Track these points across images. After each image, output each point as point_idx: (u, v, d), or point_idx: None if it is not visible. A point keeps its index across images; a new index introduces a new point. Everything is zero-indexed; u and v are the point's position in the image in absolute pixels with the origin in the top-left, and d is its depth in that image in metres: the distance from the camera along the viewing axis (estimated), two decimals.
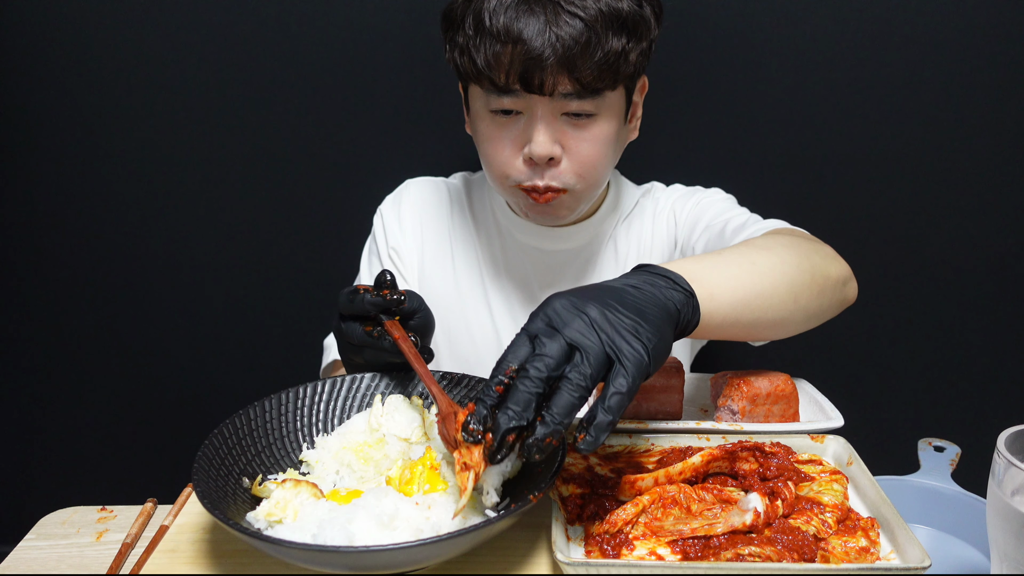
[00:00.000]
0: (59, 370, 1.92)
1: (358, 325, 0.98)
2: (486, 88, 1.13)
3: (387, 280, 0.98)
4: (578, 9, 1.07)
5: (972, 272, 1.80)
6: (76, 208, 1.79)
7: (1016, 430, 0.76)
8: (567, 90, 1.10)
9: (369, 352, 0.99)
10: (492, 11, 1.08)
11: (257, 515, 0.83)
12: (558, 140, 1.14)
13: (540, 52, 1.06)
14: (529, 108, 1.12)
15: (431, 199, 1.40)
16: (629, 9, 1.11)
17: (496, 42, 1.07)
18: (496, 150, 1.17)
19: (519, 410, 0.71)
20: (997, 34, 1.62)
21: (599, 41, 1.07)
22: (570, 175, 1.17)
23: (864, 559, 0.80)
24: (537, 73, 1.07)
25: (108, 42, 1.66)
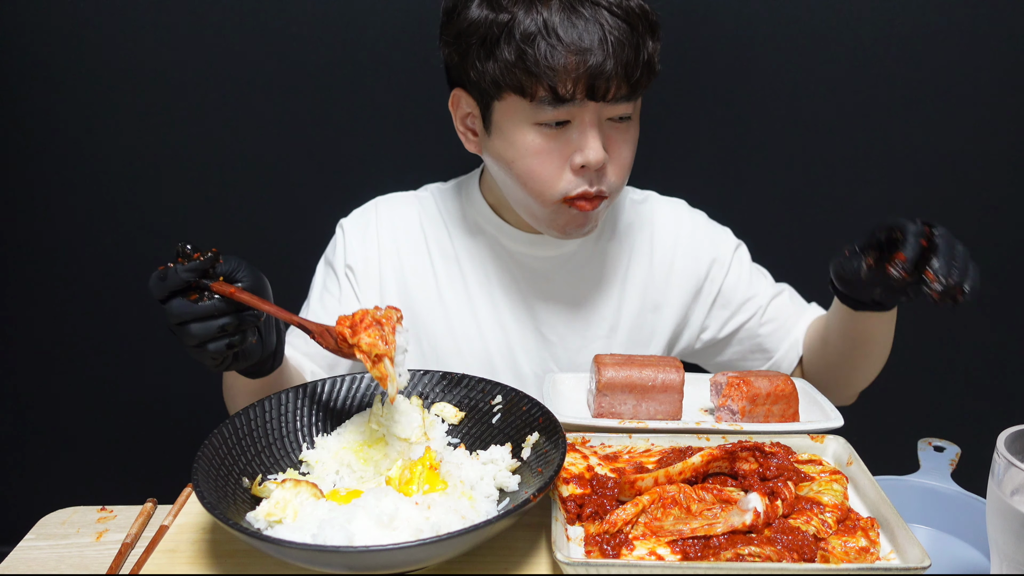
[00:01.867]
0: (59, 370, 1.92)
1: (182, 299, 0.88)
2: (539, 100, 1.09)
3: (187, 249, 0.89)
4: (618, 8, 1.07)
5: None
6: (76, 208, 1.79)
7: (1016, 430, 0.76)
8: (623, 94, 1.10)
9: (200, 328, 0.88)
10: (545, 22, 1.06)
11: (257, 515, 0.83)
12: (606, 146, 1.14)
13: (603, 61, 1.06)
14: (579, 116, 1.11)
15: (404, 215, 1.36)
16: (648, 8, 1.12)
17: (559, 53, 1.06)
18: (544, 164, 1.14)
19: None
20: (997, 34, 1.62)
21: (643, 43, 1.09)
22: (614, 178, 1.17)
23: (864, 559, 0.80)
24: (602, 81, 1.07)
25: (108, 42, 1.66)
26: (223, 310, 0.89)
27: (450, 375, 1.06)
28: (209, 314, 0.88)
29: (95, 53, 1.67)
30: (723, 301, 1.38)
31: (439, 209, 1.37)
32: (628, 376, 1.06)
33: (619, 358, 1.10)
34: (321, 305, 1.32)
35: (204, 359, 0.91)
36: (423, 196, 1.39)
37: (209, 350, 0.89)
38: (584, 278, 1.34)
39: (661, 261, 1.37)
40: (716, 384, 1.12)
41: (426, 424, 0.99)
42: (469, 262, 1.33)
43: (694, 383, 1.17)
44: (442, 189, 1.40)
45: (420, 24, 1.63)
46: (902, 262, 1.00)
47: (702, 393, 1.18)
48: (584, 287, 1.34)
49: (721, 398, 1.08)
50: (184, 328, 0.88)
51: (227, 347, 0.91)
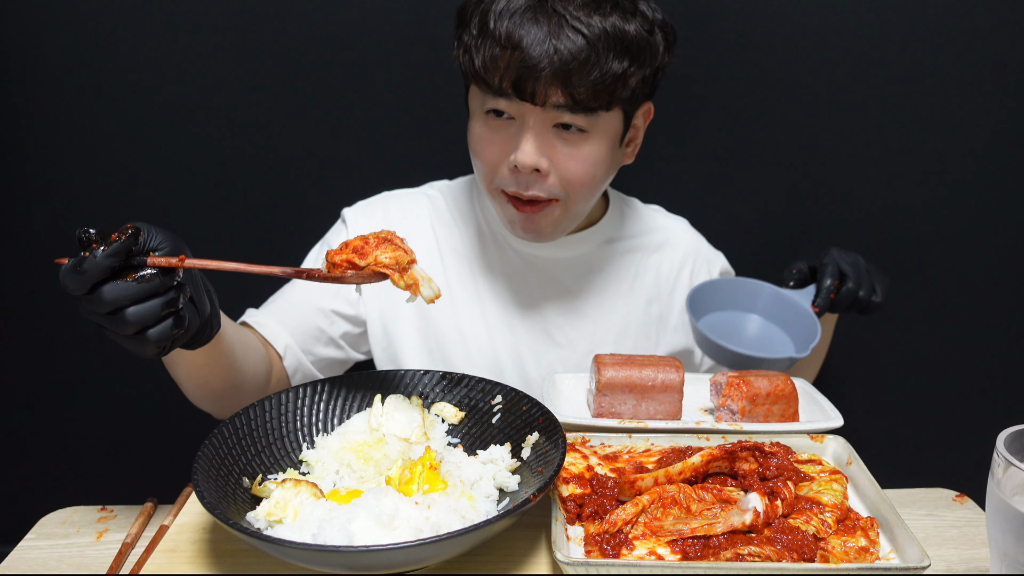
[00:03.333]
0: (59, 370, 1.92)
1: (116, 282, 0.78)
2: (482, 89, 1.13)
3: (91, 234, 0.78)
4: (582, 26, 1.07)
5: (972, 272, 1.80)
6: (76, 207, 1.79)
7: (1016, 430, 0.76)
8: (559, 102, 1.09)
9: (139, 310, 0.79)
10: (498, 14, 1.08)
11: (257, 515, 0.83)
12: (546, 153, 1.13)
13: (536, 62, 1.06)
14: (521, 116, 1.13)
15: (415, 212, 1.37)
16: (636, 33, 1.10)
17: (496, 45, 1.08)
18: (485, 151, 1.17)
19: None
20: (997, 34, 1.62)
21: (598, 60, 1.07)
22: (558, 188, 1.16)
23: (864, 559, 0.81)
24: (530, 81, 1.07)
25: (107, 42, 1.66)
26: (165, 285, 0.80)
27: (450, 375, 1.06)
28: (154, 292, 0.79)
29: (97, 50, 1.67)
30: None
31: (448, 208, 1.37)
32: (628, 376, 1.06)
33: (619, 358, 1.10)
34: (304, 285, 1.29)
35: (144, 348, 0.81)
36: (432, 195, 1.40)
37: (150, 336, 0.80)
38: (593, 282, 1.34)
39: (667, 278, 1.39)
40: (716, 384, 1.12)
41: (426, 424, 0.99)
42: (479, 263, 1.33)
43: (694, 383, 1.17)
44: (451, 188, 1.40)
45: (421, 22, 1.63)
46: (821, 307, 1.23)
47: (702, 393, 1.18)
48: (593, 291, 1.34)
49: (721, 398, 1.08)
50: (118, 316, 0.78)
51: (172, 327, 0.81)
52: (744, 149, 1.73)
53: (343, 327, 1.31)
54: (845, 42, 1.65)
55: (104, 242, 0.77)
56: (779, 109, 1.70)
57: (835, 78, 1.67)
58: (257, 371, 1.18)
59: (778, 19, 1.64)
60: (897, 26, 1.63)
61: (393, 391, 1.05)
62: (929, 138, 1.71)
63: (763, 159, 1.74)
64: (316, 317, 1.29)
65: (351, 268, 0.89)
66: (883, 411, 1.90)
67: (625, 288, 1.36)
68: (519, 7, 1.08)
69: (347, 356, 1.35)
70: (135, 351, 0.83)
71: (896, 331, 1.86)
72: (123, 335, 0.81)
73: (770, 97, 1.69)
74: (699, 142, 1.72)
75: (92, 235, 0.78)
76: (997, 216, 1.76)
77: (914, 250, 1.79)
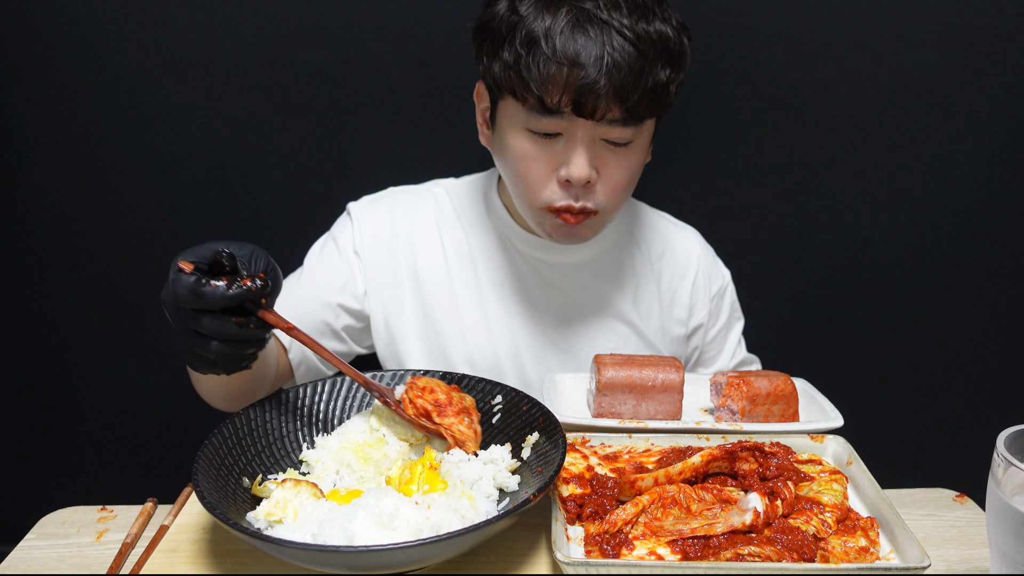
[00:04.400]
0: (59, 370, 1.92)
1: (226, 319, 0.82)
2: (530, 107, 1.10)
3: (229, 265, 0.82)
4: (632, 34, 1.05)
5: (972, 272, 1.80)
6: (76, 208, 1.79)
7: (1016, 430, 0.76)
8: (615, 117, 1.09)
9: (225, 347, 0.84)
10: (547, 30, 1.06)
11: (257, 515, 0.83)
12: (595, 165, 1.13)
13: (596, 79, 1.04)
14: (570, 130, 1.11)
15: (421, 210, 1.36)
16: (675, 38, 1.09)
17: (552, 63, 1.05)
18: (530, 170, 1.15)
19: None
20: (998, 34, 1.62)
21: (650, 70, 1.06)
22: (603, 197, 1.16)
23: (864, 559, 0.81)
24: (591, 99, 1.06)
25: (106, 42, 1.66)
26: (259, 337, 0.85)
27: (450, 375, 1.06)
28: (246, 338, 0.84)
29: (100, 48, 1.67)
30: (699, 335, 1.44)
31: (454, 207, 1.36)
32: (628, 376, 1.06)
33: (619, 358, 1.10)
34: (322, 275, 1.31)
35: (211, 370, 0.87)
36: (437, 192, 1.39)
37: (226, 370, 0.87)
38: (596, 288, 1.34)
39: (669, 288, 1.39)
40: (716, 384, 1.12)
41: None
42: (483, 263, 1.33)
43: (694, 383, 1.18)
44: (457, 186, 1.40)
45: (426, 18, 1.63)
46: None
47: (702, 393, 1.18)
48: (595, 297, 1.34)
49: (721, 398, 1.08)
50: (206, 341, 0.83)
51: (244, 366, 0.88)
52: (754, 156, 1.73)
53: (347, 320, 1.31)
54: (854, 48, 1.64)
55: (234, 278, 0.81)
56: (783, 111, 1.70)
57: (839, 83, 1.67)
58: (272, 369, 1.21)
59: (785, 23, 1.64)
60: (912, 33, 1.63)
61: None
62: (929, 139, 1.71)
63: (766, 158, 1.74)
64: (323, 311, 1.29)
65: (424, 416, 0.96)
66: (883, 411, 1.90)
67: (628, 296, 1.35)
68: (566, 21, 1.06)
69: (350, 349, 1.35)
70: (194, 365, 0.88)
71: (896, 331, 1.86)
72: (199, 354, 0.85)
73: (781, 105, 1.69)
74: (710, 148, 1.72)
75: (225, 264, 0.82)
76: (997, 216, 1.76)
77: (914, 250, 1.79)
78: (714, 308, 1.43)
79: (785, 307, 1.84)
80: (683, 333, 1.41)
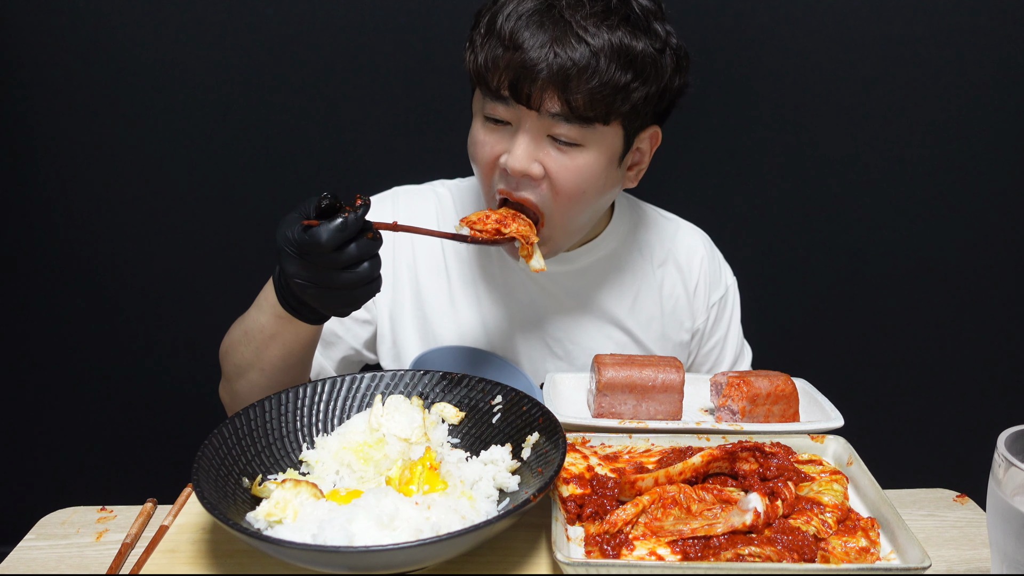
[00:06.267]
0: (59, 370, 1.92)
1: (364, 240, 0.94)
2: (483, 91, 1.12)
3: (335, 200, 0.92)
4: (588, 35, 1.05)
5: (972, 272, 1.80)
6: (76, 209, 1.79)
7: (1016, 430, 0.76)
8: (555, 110, 1.08)
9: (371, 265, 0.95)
10: (506, 16, 1.07)
11: (257, 515, 0.83)
12: (539, 159, 1.11)
13: (534, 64, 1.04)
14: (517, 120, 1.11)
15: (423, 210, 1.36)
16: (644, 50, 1.08)
17: (499, 46, 1.07)
18: (479, 152, 1.16)
19: None
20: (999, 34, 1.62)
21: (598, 68, 1.05)
22: (548, 196, 1.14)
23: (864, 559, 0.81)
24: (526, 84, 1.06)
25: (106, 41, 1.66)
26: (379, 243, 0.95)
27: (450, 375, 1.06)
28: (377, 249, 0.95)
29: (104, 48, 1.67)
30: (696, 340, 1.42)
31: (455, 208, 1.36)
32: (628, 376, 1.06)
33: (619, 358, 1.10)
34: None
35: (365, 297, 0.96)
36: (440, 192, 1.38)
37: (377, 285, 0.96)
38: (593, 296, 1.33)
39: (671, 294, 1.38)
40: (716, 384, 1.12)
41: (426, 424, 0.99)
42: (480, 270, 1.32)
43: (694, 383, 1.17)
44: (460, 187, 1.39)
45: (427, 21, 1.63)
46: None
47: (702, 393, 1.18)
48: (593, 305, 1.33)
49: (721, 398, 1.08)
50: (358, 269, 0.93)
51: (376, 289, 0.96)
52: (756, 158, 1.73)
53: (358, 331, 1.32)
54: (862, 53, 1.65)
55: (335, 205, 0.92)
56: (784, 113, 1.70)
57: (843, 88, 1.67)
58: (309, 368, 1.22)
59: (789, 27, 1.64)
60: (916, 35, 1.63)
61: (393, 391, 1.05)
62: (928, 142, 1.71)
63: (766, 158, 1.74)
64: (332, 323, 1.30)
65: (497, 234, 1.09)
66: (883, 411, 1.90)
67: (627, 303, 1.35)
68: (527, 10, 1.07)
69: (364, 359, 1.36)
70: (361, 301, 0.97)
71: (896, 331, 1.86)
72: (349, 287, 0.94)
73: (777, 101, 1.69)
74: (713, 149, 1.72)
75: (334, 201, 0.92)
76: (998, 218, 1.76)
77: (914, 251, 1.79)
78: (713, 316, 1.40)
79: (786, 307, 1.84)
80: (687, 339, 1.40)
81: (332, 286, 0.94)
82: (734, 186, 1.76)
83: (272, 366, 1.13)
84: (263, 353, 1.12)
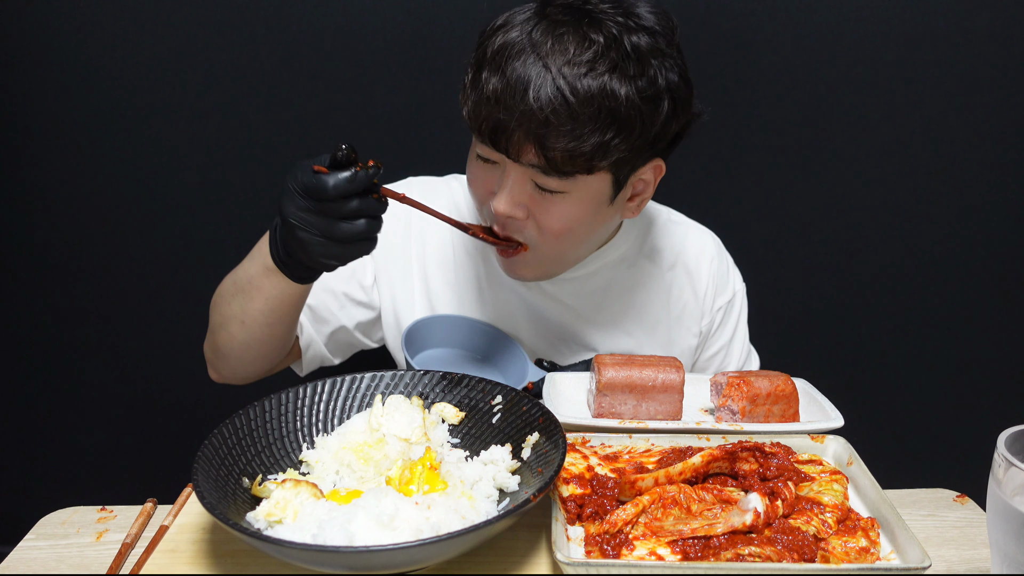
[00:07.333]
0: (59, 370, 1.92)
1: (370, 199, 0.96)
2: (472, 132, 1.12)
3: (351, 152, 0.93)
4: (566, 86, 1.00)
5: (972, 272, 1.80)
6: (76, 208, 1.79)
7: (1016, 430, 0.76)
8: (532, 161, 1.06)
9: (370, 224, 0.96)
10: (490, 60, 1.05)
11: (257, 515, 0.83)
12: (524, 203, 1.11)
13: (508, 118, 1.02)
14: (503, 162, 1.10)
15: (434, 200, 1.30)
16: (627, 99, 1.02)
17: (480, 94, 1.05)
18: (474, 188, 1.18)
19: None
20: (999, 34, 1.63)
21: (574, 127, 1.01)
22: (535, 235, 1.14)
23: (864, 559, 0.81)
24: (503, 137, 1.05)
25: (107, 41, 1.66)
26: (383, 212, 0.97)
27: (450, 375, 1.06)
28: (380, 211, 0.97)
29: (101, 50, 1.67)
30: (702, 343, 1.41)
31: (468, 203, 1.35)
32: (628, 376, 1.06)
33: (619, 358, 1.10)
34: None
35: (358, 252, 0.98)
36: (454, 186, 1.38)
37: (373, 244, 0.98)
38: (598, 304, 1.32)
39: (678, 300, 1.37)
40: (716, 384, 1.12)
41: (426, 424, 0.99)
42: (485, 272, 1.32)
43: (694, 383, 1.17)
44: None
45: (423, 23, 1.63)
46: None
47: (702, 393, 1.18)
48: (597, 312, 1.32)
49: (721, 398, 1.08)
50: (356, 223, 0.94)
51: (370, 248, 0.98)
52: (756, 157, 1.73)
53: (353, 311, 1.31)
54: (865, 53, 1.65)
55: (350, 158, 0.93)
56: (782, 112, 1.70)
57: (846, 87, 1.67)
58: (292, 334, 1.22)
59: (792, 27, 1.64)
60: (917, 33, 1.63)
61: (393, 391, 1.05)
62: (928, 142, 1.71)
63: (767, 158, 1.74)
64: (327, 297, 1.29)
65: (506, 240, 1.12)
66: (883, 411, 1.90)
67: (635, 308, 1.34)
68: (510, 52, 1.04)
69: (357, 341, 1.34)
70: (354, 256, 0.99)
71: (896, 331, 1.86)
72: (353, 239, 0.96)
73: (774, 100, 1.69)
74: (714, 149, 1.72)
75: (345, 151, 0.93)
76: (998, 218, 1.76)
77: (915, 251, 1.79)
78: (718, 320, 1.39)
79: (786, 307, 1.84)
80: (695, 343, 1.39)
81: (327, 235, 0.95)
82: (734, 186, 1.76)
83: (253, 320, 1.13)
84: (247, 306, 1.12)
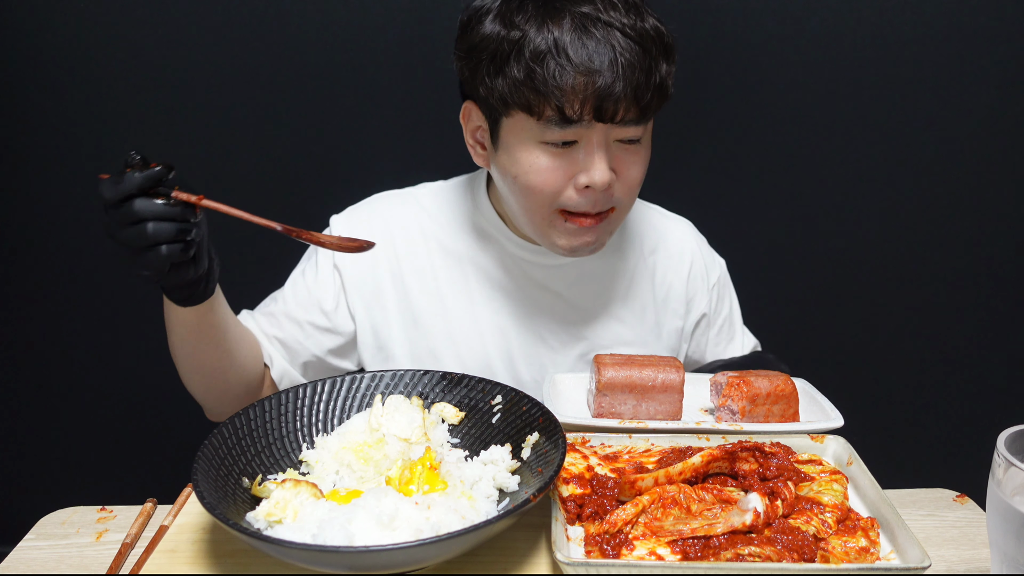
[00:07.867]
0: (59, 370, 1.92)
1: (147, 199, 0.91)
2: (546, 119, 1.09)
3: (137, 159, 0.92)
4: (631, 31, 1.06)
5: (972, 273, 1.80)
6: (76, 209, 1.79)
7: (1016, 430, 0.76)
8: (632, 117, 1.09)
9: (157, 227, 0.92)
10: (555, 41, 1.05)
11: (257, 515, 0.83)
12: (613, 167, 1.13)
13: (613, 83, 1.05)
14: (586, 136, 1.10)
15: (401, 215, 1.34)
16: (667, 31, 1.11)
17: (568, 73, 1.05)
18: (547, 181, 1.13)
19: None
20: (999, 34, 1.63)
21: (656, 67, 1.08)
22: (620, 195, 1.16)
23: (864, 559, 0.81)
24: (611, 104, 1.06)
25: (107, 42, 1.66)
26: (184, 215, 0.93)
27: (450, 375, 1.06)
28: (172, 216, 0.92)
29: (98, 50, 1.67)
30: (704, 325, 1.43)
31: (442, 210, 1.34)
32: (628, 376, 1.06)
33: (619, 358, 1.10)
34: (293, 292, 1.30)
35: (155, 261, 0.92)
36: (421, 195, 1.37)
37: (162, 251, 0.91)
38: (587, 287, 1.33)
39: (663, 282, 1.38)
40: (716, 384, 1.12)
41: (426, 424, 0.99)
42: (472, 265, 1.31)
43: (694, 383, 1.17)
44: (444, 188, 1.38)
45: (423, 24, 1.63)
46: None
47: (702, 393, 1.18)
48: (587, 296, 1.33)
49: (721, 398, 1.08)
50: (140, 227, 0.90)
51: (181, 250, 0.93)
52: (755, 156, 1.73)
53: (320, 339, 1.29)
54: (854, 46, 1.65)
55: (144, 168, 0.91)
56: (783, 112, 1.70)
57: (841, 82, 1.67)
58: (247, 364, 1.20)
59: (779, 24, 1.64)
60: (907, 32, 1.64)
61: (393, 391, 1.05)
62: (928, 141, 1.71)
63: (773, 166, 1.74)
64: (293, 328, 1.28)
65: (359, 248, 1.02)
66: (883, 411, 1.90)
67: (620, 292, 1.35)
68: (570, 29, 1.06)
69: (333, 367, 1.33)
70: (136, 267, 0.94)
71: (896, 331, 1.86)
72: (139, 246, 0.92)
73: (775, 100, 1.69)
74: (711, 147, 1.72)
75: (136, 159, 0.91)
76: (997, 218, 1.76)
77: (914, 251, 1.79)
78: (715, 297, 1.43)
79: (785, 307, 1.84)
80: (680, 326, 1.40)
81: (120, 241, 0.93)
82: (734, 186, 1.76)
83: (182, 353, 1.15)
84: (171, 342, 1.15)
